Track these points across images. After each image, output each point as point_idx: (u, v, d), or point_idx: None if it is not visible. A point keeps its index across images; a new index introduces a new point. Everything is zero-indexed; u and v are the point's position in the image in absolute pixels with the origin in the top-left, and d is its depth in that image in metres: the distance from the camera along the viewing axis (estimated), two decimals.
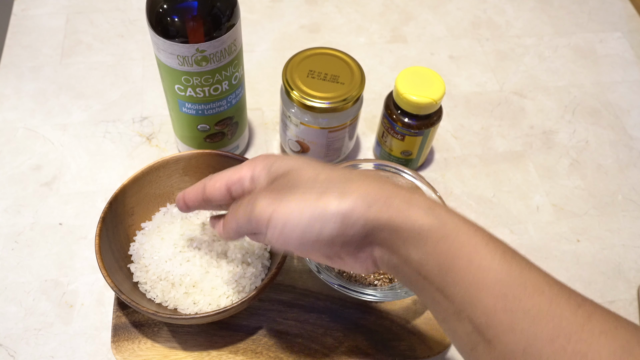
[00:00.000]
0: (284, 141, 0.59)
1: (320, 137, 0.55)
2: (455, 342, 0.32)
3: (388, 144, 0.58)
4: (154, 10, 0.45)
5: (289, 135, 0.57)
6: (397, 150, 0.58)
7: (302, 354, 0.47)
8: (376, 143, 0.61)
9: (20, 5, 0.75)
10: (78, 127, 0.63)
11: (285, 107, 0.54)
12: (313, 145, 0.56)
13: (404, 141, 0.56)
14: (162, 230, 0.50)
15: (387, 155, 0.60)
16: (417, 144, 0.57)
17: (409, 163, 0.59)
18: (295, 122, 0.54)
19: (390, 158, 0.60)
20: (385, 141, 0.58)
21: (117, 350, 0.46)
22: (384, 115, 0.56)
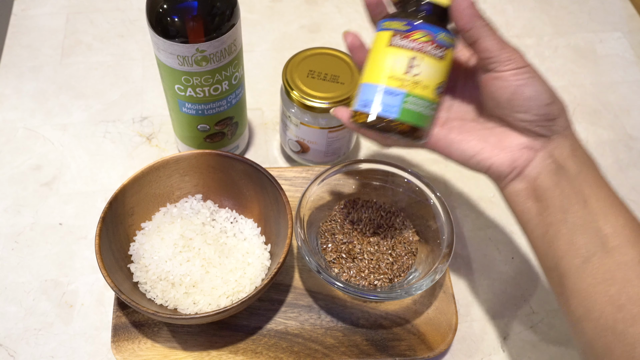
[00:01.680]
0: (284, 141, 0.59)
1: (320, 137, 0.55)
2: (567, 255, 0.35)
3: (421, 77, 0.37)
4: (154, 10, 0.45)
5: (289, 135, 0.57)
6: (434, 85, 0.38)
7: (302, 354, 0.47)
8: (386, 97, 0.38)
9: (20, 5, 0.75)
10: (78, 127, 0.63)
11: (285, 107, 0.55)
12: (313, 145, 0.56)
13: (444, 61, 0.38)
14: (162, 230, 0.50)
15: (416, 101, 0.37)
16: (449, 69, 0.39)
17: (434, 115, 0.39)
18: (295, 122, 0.54)
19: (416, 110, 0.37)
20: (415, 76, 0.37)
21: (117, 350, 0.46)
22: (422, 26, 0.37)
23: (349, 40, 0.42)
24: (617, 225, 0.34)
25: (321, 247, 0.51)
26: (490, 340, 0.50)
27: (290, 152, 0.60)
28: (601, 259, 0.34)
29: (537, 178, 0.37)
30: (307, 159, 0.59)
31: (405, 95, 0.37)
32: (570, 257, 0.35)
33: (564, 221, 0.36)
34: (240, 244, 0.50)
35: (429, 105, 0.38)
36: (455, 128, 0.40)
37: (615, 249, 0.34)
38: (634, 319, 0.32)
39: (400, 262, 0.50)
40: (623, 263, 0.33)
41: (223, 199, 0.53)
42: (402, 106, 0.37)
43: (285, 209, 0.47)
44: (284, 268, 0.52)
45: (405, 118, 0.37)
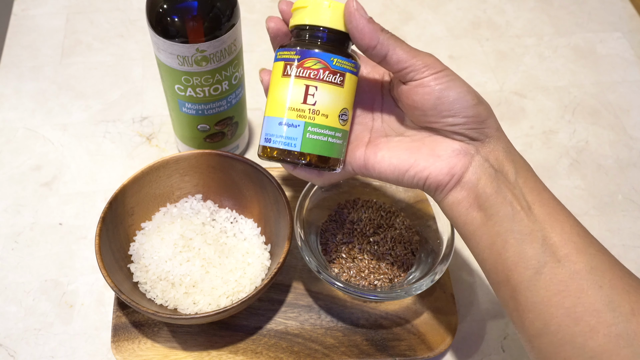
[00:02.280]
0: None
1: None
2: (517, 267, 0.34)
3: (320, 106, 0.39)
4: (154, 10, 0.45)
5: None
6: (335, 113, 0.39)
7: (302, 354, 0.47)
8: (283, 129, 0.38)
9: (20, 5, 0.75)
10: (78, 127, 0.63)
11: None
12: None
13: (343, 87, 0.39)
14: (162, 230, 0.50)
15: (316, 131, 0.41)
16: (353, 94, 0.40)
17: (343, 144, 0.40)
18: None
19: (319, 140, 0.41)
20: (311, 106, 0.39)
21: (117, 350, 0.46)
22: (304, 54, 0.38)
23: (272, 26, 0.38)
24: (564, 233, 0.33)
25: (321, 247, 0.52)
26: (490, 340, 0.50)
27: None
28: (553, 270, 0.32)
29: (477, 184, 0.35)
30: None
31: (306, 126, 0.36)
32: (522, 269, 0.33)
33: (510, 230, 0.34)
34: (240, 244, 0.50)
35: (333, 134, 0.36)
36: (383, 145, 0.37)
37: (565, 258, 0.32)
38: (592, 331, 0.31)
39: (400, 262, 0.50)
40: (575, 272, 0.32)
41: (223, 199, 0.53)
42: (303, 137, 0.36)
43: (285, 209, 0.47)
44: (284, 268, 0.52)
45: (308, 149, 0.36)
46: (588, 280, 0.32)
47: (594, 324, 0.31)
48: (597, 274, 0.32)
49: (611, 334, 0.30)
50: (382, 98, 0.40)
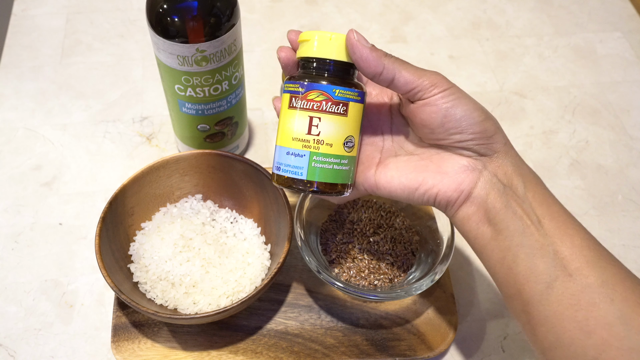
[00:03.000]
0: None
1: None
2: (529, 282, 0.34)
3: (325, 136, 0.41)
4: (154, 10, 0.45)
5: None
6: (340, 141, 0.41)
7: (302, 354, 0.47)
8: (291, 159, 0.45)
9: (20, 5, 0.75)
10: (78, 127, 0.63)
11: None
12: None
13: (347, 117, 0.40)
14: (162, 230, 0.50)
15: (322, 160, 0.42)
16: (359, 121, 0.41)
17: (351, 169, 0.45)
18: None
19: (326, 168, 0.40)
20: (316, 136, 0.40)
21: (117, 350, 0.46)
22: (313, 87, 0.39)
23: (282, 56, 0.39)
24: (574, 246, 0.33)
25: (321, 247, 0.51)
26: (490, 340, 0.50)
27: None
28: (564, 284, 0.33)
29: (486, 200, 0.36)
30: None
31: (311, 155, 0.37)
32: (533, 283, 0.34)
33: (521, 245, 0.34)
34: (240, 244, 0.50)
35: (339, 161, 0.38)
36: (392, 165, 0.38)
37: (576, 272, 0.33)
38: (605, 344, 0.31)
39: (400, 262, 0.50)
40: (586, 286, 0.32)
41: (223, 199, 0.53)
42: (309, 166, 0.37)
43: (285, 209, 0.47)
44: (284, 268, 0.52)
45: (314, 177, 0.37)
46: (600, 294, 0.32)
47: (606, 338, 0.31)
48: (608, 287, 0.32)
49: (623, 347, 0.31)
50: (391, 118, 0.41)
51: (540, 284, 0.33)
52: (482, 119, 0.35)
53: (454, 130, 0.36)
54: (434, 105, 0.35)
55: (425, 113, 0.36)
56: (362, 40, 0.35)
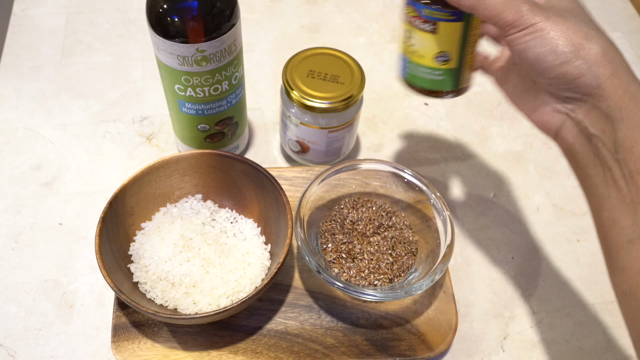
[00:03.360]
0: (284, 141, 0.59)
1: (320, 137, 0.55)
2: (611, 231, 0.34)
3: (417, 47, 0.41)
4: (154, 10, 0.45)
5: (289, 135, 0.57)
6: (430, 55, 0.41)
7: (302, 354, 0.47)
8: (401, 61, 0.44)
9: (20, 5, 0.75)
10: (78, 127, 0.63)
11: (285, 107, 0.55)
12: (313, 145, 0.56)
13: (437, 33, 0.40)
14: (162, 230, 0.50)
15: (418, 68, 0.42)
16: (456, 38, 0.40)
17: (448, 78, 0.42)
18: (295, 122, 0.54)
19: (422, 73, 0.42)
20: (411, 46, 0.42)
21: (117, 350, 0.46)
22: (407, 2, 0.41)
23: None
24: None
25: (321, 247, 0.52)
26: (490, 340, 0.50)
27: (290, 152, 0.60)
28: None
29: (574, 144, 0.35)
30: (307, 159, 0.59)
31: (408, 62, 0.42)
32: (615, 234, 0.34)
33: (607, 196, 0.34)
34: (240, 244, 0.50)
35: (431, 72, 0.41)
36: (513, 79, 0.40)
37: None
38: None
39: (400, 262, 0.50)
40: None
41: (223, 199, 0.53)
42: (408, 70, 0.43)
43: (285, 209, 0.47)
44: (284, 268, 0.52)
45: (412, 80, 0.43)
46: None
47: None
48: None
49: None
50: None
51: (622, 237, 0.33)
52: (559, 62, 0.33)
53: (532, 72, 0.35)
54: (511, 46, 0.35)
55: (511, 52, 0.36)
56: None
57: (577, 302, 0.53)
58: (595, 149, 0.34)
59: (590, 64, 0.33)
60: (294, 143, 0.57)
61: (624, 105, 0.33)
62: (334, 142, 0.56)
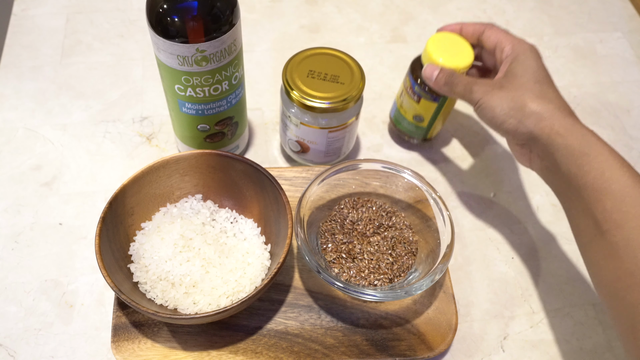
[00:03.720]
0: (284, 141, 0.59)
1: (320, 137, 0.55)
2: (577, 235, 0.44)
3: (404, 105, 0.59)
4: (154, 10, 0.45)
5: (289, 135, 0.57)
6: (410, 114, 0.59)
7: (302, 354, 0.47)
8: (393, 104, 0.62)
9: (20, 5, 0.75)
10: (78, 127, 0.63)
11: (285, 107, 0.54)
12: (313, 145, 0.56)
13: (418, 104, 0.57)
14: (162, 230, 0.50)
15: (401, 117, 0.60)
16: (430, 111, 0.57)
17: (418, 131, 0.60)
18: (295, 122, 0.54)
19: (402, 122, 0.60)
20: (402, 102, 0.59)
21: (117, 350, 0.46)
22: (407, 74, 0.57)
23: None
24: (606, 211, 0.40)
25: (321, 247, 0.51)
26: (490, 340, 0.50)
27: (290, 152, 0.60)
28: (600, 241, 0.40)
29: (540, 172, 0.47)
30: (307, 159, 0.59)
31: (397, 110, 0.61)
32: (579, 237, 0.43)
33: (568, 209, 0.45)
34: (240, 244, 0.50)
35: (409, 124, 0.60)
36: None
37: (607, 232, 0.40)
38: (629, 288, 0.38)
39: (400, 262, 0.50)
40: (614, 244, 0.39)
41: (223, 199, 0.53)
42: (394, 114, 0.62)
43: (285, 209, 0.47)
44: (284, 268, 0.52)
45: (395, 122, 0.62)
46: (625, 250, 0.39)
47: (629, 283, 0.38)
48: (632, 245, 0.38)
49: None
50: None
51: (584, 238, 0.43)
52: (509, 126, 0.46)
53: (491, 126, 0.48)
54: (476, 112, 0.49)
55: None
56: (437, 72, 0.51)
57: (577, 302, 0.53)
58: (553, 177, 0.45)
59: (518, 119, 0.45)
60: (294, 143, 0.57)
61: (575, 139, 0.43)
62: (334, 142, 0.56)
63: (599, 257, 0.40)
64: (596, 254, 0.41)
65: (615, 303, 0.39)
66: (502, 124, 0.46)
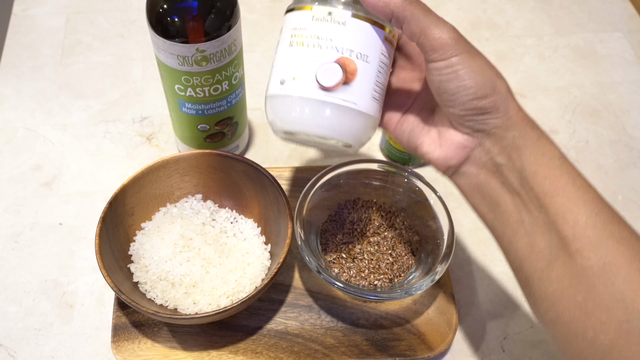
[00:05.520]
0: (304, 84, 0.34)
1: (374, 47, 0.35)
2: (529, 258, 0.34)
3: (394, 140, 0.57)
4: (154, 10, 0.45)
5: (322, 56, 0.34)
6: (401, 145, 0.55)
7: (302, 354, 0.47)
8: (382, 136, 0.62)
9: (20, 5, 0.75)
10: (78, 127, 0.63)
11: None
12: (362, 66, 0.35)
13: None
14: (162, 230, 0.50)
15: (392, 148, 0.60)
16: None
17: (413, 159, 0.60)
18: (342, 19, 0.34)
19: (394, 152, 0.60)
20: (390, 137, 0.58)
21: (117, 350, 0.46)
22: None
23: None
24: (578, 226, 0.32)
25: (321, 247, 0.52)
26: (490, 340, 0.50)
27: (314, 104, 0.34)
28: (564, 264, 0.32)
29: (478, 176, 0.35)
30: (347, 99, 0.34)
31: (386, 140, 0.61)
32: (533, 260, 0.33)
33: (520, 222, 0.34)
34: (240, 244, 0.50)
35: (400, 152, 0.60)
36: (411, 118, 0.39)
37: (577, 253, 0.32)
38: (603, 326, 0.31)
39: (400, 262, 0.50)
40: (587, 268, 0.31)
41: (223, 199, 0.53)
42: (385, 145, 0.61)
43: (285, 209, 0.47)
44: (284, 268, 0.52)
45: (387, 152, 0.62)
46: (600, 277, 0.31)
47: (604, 320, 0.31)
48: (610, 270, 0.31)
49: (622, 330, 0.30)
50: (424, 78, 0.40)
51: (540, 262, 0.33)
52: (477, 95, 0.33)
53: (448, 102, 0.35)
54: (431, 74, 0.34)
55: (428, 79, 0.35)
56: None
57: None
58: (503, 177, 0.34)
59: (503, 98, 0.34)
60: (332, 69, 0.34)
61: (527, 133, 0.34)
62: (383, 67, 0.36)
63: (562, 285, 0.32)
64: (557, 282, 0.32)
65: (579, 346, 0.32)
66: (483, 97, 0.34)
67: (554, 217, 0.32)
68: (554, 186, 0.33)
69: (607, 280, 0.31)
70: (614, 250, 0.31)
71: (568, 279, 0.32)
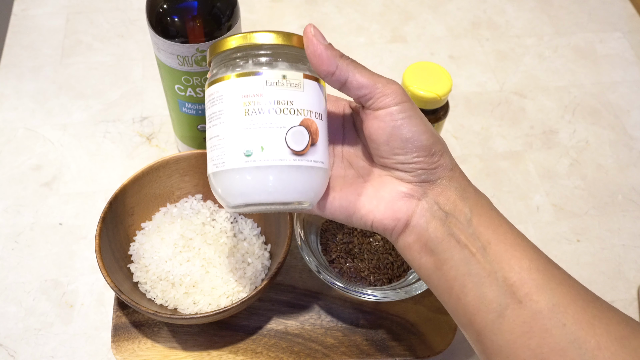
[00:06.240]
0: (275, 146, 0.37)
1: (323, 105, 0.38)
2: (479, 312, 0.33)
3: None
4: (154, 10, 0.45)
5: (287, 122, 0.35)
6: None
7: (302, 354, 0.47)
8: None
9: (20, 5, 0.75)
10: (78, 127, 0.63)
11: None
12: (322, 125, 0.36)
13: None
14: (162, 230, 0.50)
15: None
16: None
17: None
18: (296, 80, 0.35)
19: None
20: None
21: (117, 350, 0.46)
22: None
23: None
24: (523, 270, 0.32)
25: (321, 247, 0.52)
26: None
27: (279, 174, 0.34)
28: (514, 311, 0.32)
29: (426, 229, 0.34)
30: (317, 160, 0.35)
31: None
32: (484, 313, 0.33)
33: (467, 274, 0.33)
34: (240, 244, 0.50)
35: None
36: (337, 187, 0.36)
37: (526, 298, 0.31)
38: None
39: (400, 262, 0.50)
40: (537, 312, 0.31)
41: None
42: None
43: None
44: (284, 268, 0.52)
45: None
46: (551, 319, 0.31)
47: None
48: (559, 311, 0.31)
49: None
50: (343, 133, 0.39)
51: (491, 314, 0.32)
52: (430, 142, 0.33)
53: (398, 150, 0.34)
54: (382, 120, 0.33)
55: (374, 127, 0.34)
56: (319, 36, 0.33)
57: None
58: (449, 228, 0.34)
59: (443, 149, 0.34)
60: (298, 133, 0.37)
61: (467, 186, 0.35)
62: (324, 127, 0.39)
63: (514, 335, 0.31)
64: (509, 332, 0.32)
65: None
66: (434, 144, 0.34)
67: (499, 264, 0.32)
68: (495, 234, 0.33)
69: (558, 321, 0.31)
70: (558, 291, 0.32)
71: (520, 327, 0.31)
